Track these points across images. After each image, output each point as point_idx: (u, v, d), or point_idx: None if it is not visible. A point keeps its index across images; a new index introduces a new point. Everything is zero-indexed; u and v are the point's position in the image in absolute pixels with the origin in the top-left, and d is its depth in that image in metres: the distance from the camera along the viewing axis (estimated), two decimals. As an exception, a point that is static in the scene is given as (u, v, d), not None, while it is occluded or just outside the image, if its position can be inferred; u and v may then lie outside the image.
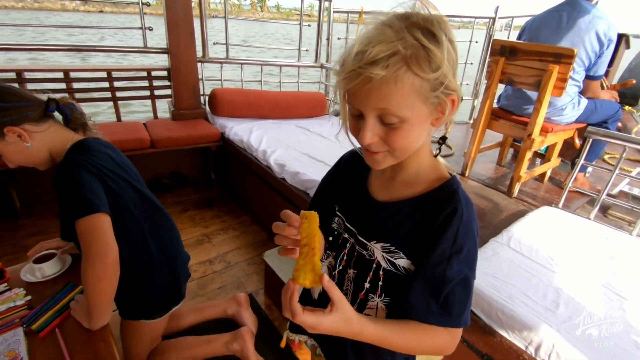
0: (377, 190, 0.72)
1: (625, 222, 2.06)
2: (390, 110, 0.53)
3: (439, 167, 0.68)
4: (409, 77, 0.50)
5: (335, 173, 0.84)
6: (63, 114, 1.13)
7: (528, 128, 2.01)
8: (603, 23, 1.92)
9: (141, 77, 2.87)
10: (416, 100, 0.53)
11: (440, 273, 0.59)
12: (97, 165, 1.08)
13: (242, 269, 2.15)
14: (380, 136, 0.57)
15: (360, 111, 0.56)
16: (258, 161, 2.46)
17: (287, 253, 0.59)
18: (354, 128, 0.60)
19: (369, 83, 0.51)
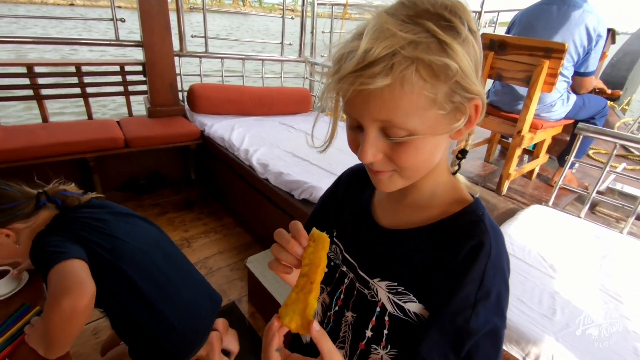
0: (382, 214, 0.61)
1: (613, 219, 2.05)
2: (395, 122, 0.43)
3: (458, 187, 0.56)
4: (418, 79, 0.40)
5: (334, 193, 0.73)
6: (54, 202, 1.06)
7: (518, 125, 1.96)
8: (593, 18, 1.88)
9: (114, 71, 2.70)
10: (428, 109, 0.42)
11: (462, 323, 0.47)
12: (74, 230, 1.01)
13: (225, 275, 2.04)
14: (384, 152, 0.46)
15: (358, 122, 0.46)
16: (240, 160, 2.34)
17: (280, 270, 0.50)
18: (353, 142, 0.49)
19: (368, 87, 0.41)
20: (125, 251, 1.05)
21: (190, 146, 2.71)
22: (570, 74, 2.00)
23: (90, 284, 0.88)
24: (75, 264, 0.89)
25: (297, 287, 0.46)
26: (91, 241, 1.00)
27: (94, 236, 1.02)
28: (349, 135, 0.50)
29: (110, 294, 1.00)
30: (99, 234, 1.03)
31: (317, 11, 3.40)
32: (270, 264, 0.50)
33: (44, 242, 0.95)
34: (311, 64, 3.58)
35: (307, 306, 0.44)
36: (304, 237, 0.47)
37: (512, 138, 2.02)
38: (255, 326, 1.72)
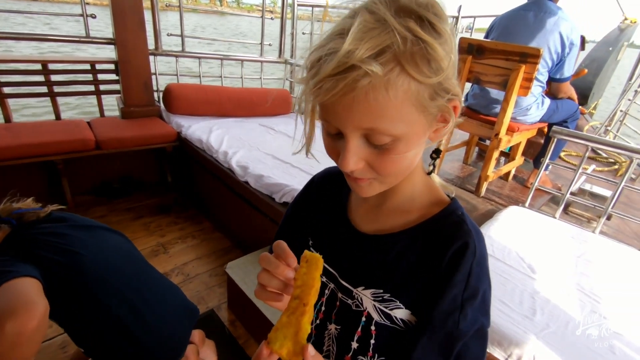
0: (360, 220, 0.58)
1: (585, 219, 2.13)
2: (379, 129, 0.41)
3: (434, 188, 0.56)
4: (403, 81, 0.38)
5: (306, 196, 0.70)
6: (7, 223, 0.99)
7: (495, 127, 2.00)
8: (567, 25, 1.94)
9: (84, 70, 2.57)
10: (413, 111, 0.41)
11: (452, 325, 0.47)
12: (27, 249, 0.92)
13: (203, 281, 1.97)
14: (366, 160, 0.44)
15: (338, 129, 0.43)
16: (219, 163, 2.28)
17: (270, 298, 0.46)
18: (331, 149, 0.47)
19: (350, 93, 0.38)
20: (85, 266, 0.97)
21: (167, 148, 2.62)
22: (544, 79, 2.06)
23: (41, 302, 0.79)
24: (23, 283, 0.81)
25: (289, 310, 0.43)
26: (46, 258, 0.92)
27: (49, 253, 0.94)
28: (327, 142, 0.47)
29: (71, 312, 0.93)
30: (56, 250, 0.95)
31: (297, 13, 3.37)
32: (258, 292, 0.46)
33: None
34: (291, 65, 3.55)
35: (299, 330, 0.41)
36: (292, 257, 0.45)
37: (490, 140, 2.06)
38: (235, 334, 1.67)
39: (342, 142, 0.44)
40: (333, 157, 0.47)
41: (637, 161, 1.73)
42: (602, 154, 3.15)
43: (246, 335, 1.67)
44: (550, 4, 2.00)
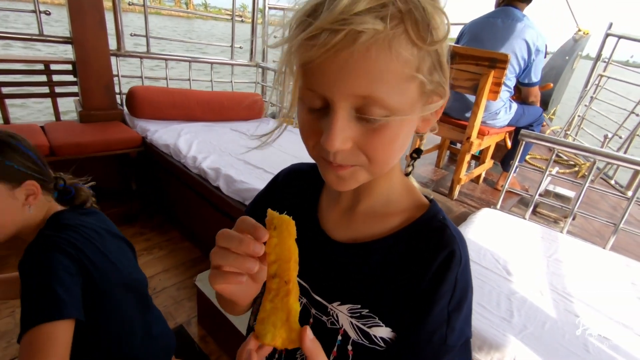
0: (333, 226, 0.52)
1: (552, 219, 2.20)
2: (376, 97, 0.35)
3: (413, 190, 0.52)
4: (405, 43, 0.35)
5: (269, 196, 0.62)
6: (67, 192, 0.94)
7: (467, 131, 2.03)
8: (532, 32, 2.02)
9: (37, 70, 2.38)
10: (411, 81, 0.37)
11: (439, 341, 0.43)
12: (79, 242, 0.83)
13: (171, 295, 1.85)
14: (355, 140, 0.39)
15: (324, 101, 0.37)
16: (187, 169, 2.17)
17: (230, 281, 0.37)
18: (310, 129, 0.40)
19: (347, 49, 0.33)
20: (112, 278, 0.89)
21: (130, 154, 2.47)
22: (512, 84, 2.13)
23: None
24: (60, 331, 0.71)
25: (270, 293, 0.36)
26: (87, 257, 0.83)
27: (90, 251, 0.85)
28: (305, 121, 0.41)
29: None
30: (95, 251, 0.86)
31: (268, 18, 3.32)
32: (212, 277, 0.37)
33: (54, 265, 0.77)
34: (263, 68, 3.48)
35: (289, 313, 0.35)
36: (262, 230, 0.36)
37: (462, 144, 2.09)
38: (206, 350, 1.57)
39: (326, 120, 0.38)
40: (311, 140, 0.41)
41: (598, 163, 1.81)
42: (562, 156, 3.30)
43: (218, 351, 1.57)
44: (516, 12, 2.07)
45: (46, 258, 0.77)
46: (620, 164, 1.89)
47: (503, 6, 2.13)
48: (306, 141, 0.42)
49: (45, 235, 0.82)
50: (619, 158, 1.73)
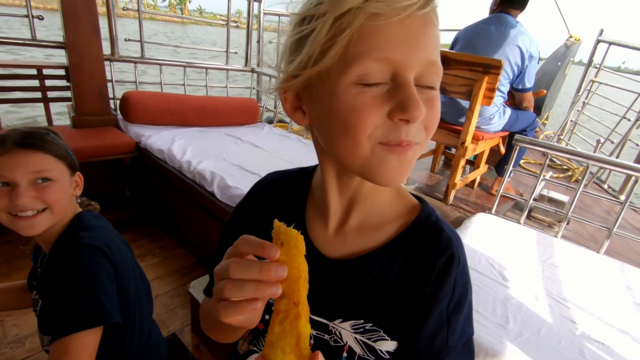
0: (325, 243, 0.49)
1: (546, 224, 2.21)
2: (438, 64, 0.38)
3: (402, 192, 0.51)
4: (437, 25, 0.38)
5: (250, 209, 0.57)
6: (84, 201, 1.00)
7: (461, 136, 2.04)
8: (525, 39, 2.04)
9: (29, 75, 2.36)
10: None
11: (441, 344, 0.43)
12: (112, 250, 0.83)
13: (164, 303, 1.83)
14: None
15: (388, 72, 0.36)
16: (182, 174, 2.15)
17: (244, 310, 0.32)
18: (372, 109, 0.36)
19: (426, 7, 0.35)
20: (130, 285, 0.88)
21: (124, 159, 2.44)
22: (506, 90, 2.15)
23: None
24: (94, 337, 0.72)
25: (278, 314, 0.34)
26: (117, 261, 0.83)
27: (118, 257, 0.84)
28: (360, 106, 0.36)
29: None
30: (119, 254, 0.85)
31: (263, 24, 3.33)
32: (223, 310, 0.32)
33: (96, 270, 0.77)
34: (258, 74, 3.48)
35: (299, 337, 0.34)
36: (274, 248, 0.33)
37: (457, 149, 2.09)
38: (200, 359, 1.54)
39: (388, 97, 0.36)
40: (371, 123, 0.36)
41: (591, 167, 1.83)
42: (556, 161, 3.33)
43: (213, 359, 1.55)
44: (510, 18, 2.09)
45: (87, 261, 0.77)
46: (612, 168, 1.90)
47: (497, 13, 2.15)
48: (362, 129, 0.37)
49: (81, 236, 0.81)
50: (610, 162, 1.74)
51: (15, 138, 0.77)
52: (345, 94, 0.36)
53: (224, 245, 0.57)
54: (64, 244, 0.81)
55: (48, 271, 0.78)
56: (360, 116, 0.36)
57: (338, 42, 0.35)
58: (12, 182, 0.75)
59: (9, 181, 0.76)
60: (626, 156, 3.22)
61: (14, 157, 0.76)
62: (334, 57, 0.36)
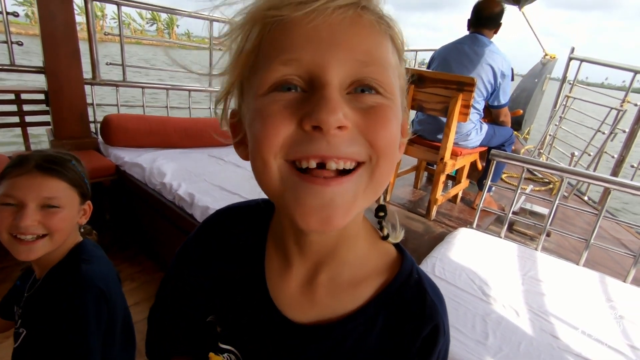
0: (289, 301, 0.42)
1: (528, 237, 2.22)
2: (377, 63, 0.32)
3: (378, 241, 0.43)
4: (392, 47, 0.35)
5: (196, 255, 0.50)
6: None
7: (440, 152, 2.07)
8: (497, 58, 2.11)
9: (7, 100, 2.34)
10: (396, 81, 0.35)
11: None
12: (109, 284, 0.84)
13: (140, 330, 1.73)
14: (354, 122, 0.31)
15: (304, 76, 0.31)
16: (162, 196, 2.12)
17: None
18: (282, 117, 0.31)
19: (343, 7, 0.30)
20: (116, 317, 0.88)
21: (104, 182, 2.41)
22: (481, 107, 2.20)
23: None
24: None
25: None
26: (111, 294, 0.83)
27: (114, 287, 0.86)
28: (270, 113, 0.31)
29: None
30: (114, 285, 0.87)
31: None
32: None
33: (88, 300, 0.77)
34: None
35: None
36: None
37: (436, 165, 2.12)
38: (176, 389, 1.47)
39: (306, 102, 0.30)
40: (280, 133, 0.30)
41: (567, 180, 1.86)
42: (538, 174, 3.39)
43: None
44: (483, 38, 2.17)
45: (82, 302, 0.76)
46: (587, 180, 1.94)
47: (471, 33, 2.24)
48: (267, 137, 0.31)
49: (83, 270, 0.81)
50: (585, 175, 1.78)
51: (38, 160, 0.79)
52: (257, 106, 0.32)
53: (167, 294, 0.53)
54: (64, 274, 0.81)
55: (41, 300, 0.79)
56: (266, 126, 0.31)
57: (243, 52, 0.33)
58: (20, 202, 0.76)
59: (18, 202, 0.76)
60: (604, 168, 3.30)
61: (31, 179, 0.77)
62: (243, 68, 0.34)
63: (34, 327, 0.80)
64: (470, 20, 2.25)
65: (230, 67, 0.35)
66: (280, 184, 0.32)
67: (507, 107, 2.31)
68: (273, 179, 0.32)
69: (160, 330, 0.55)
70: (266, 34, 0.32)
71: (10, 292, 0.97)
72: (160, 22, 63.97)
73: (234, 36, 0.34)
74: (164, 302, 0.53)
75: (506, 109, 2.32)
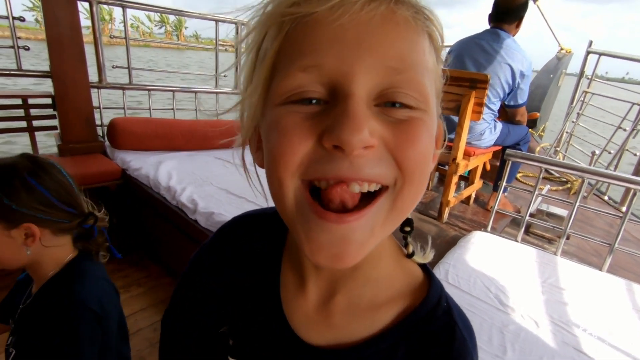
0: (304, 322, 0.39)
1: (546, 240, 2.12)
2: (412, 72, 0.27)
3: (404, 261, 0.40)
4: (425, 38, 0.30)
5: (210, 262, 0.48)
6: (90, 233, 0.89)
7: (452, 152, 1.99)
8: (517, 56, 2.00)
9: (14, 105, 2.34)
10: (431, 85, 0.30)
11: None
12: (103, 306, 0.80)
13: (146, 337, 1.73)
14: (383, 137, 0.27)
15: (327, 85, 0.27)
16: (166, 200, 2.09)
17: None
18: (299, 132, 0.27)
19: (378, 8, 0.26)
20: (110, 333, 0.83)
21: (110, 187, 2.39)
22: (496, 108, 2.10)
23: None
24: None
25: None
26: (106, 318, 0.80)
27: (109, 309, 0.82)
28: (286, 127, 0.28)
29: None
30: (102, 302, 0.81)
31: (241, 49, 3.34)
32: None
33: (79, 324, 0.73)
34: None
35: None
36: None
37: (449, 165, 2.04)
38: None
39: (326, 115, 0.27)
40: (296, 152, 0.27)
41: (587, 180, 1.76)
42: (554, 173, 3.26)
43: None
44: (503, 34, 2.04)
45: (73, 327, 0.73)
46: (608, 181, 1.84)
47: (491, 28, 2.11)
48: (284, 154, 0.28)
49: (76, 292, 0.77)
50: (606, 175, 1.68)
51: None
52: (274, 117, 0.29)
53: (180, 301, 0.51)
54: (55, 293, 0.77)
55: (33, 316, 0.76)
56: (282, 142, 0.28)
57: (264, 55, 0.29)
58: None
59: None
60: (626, 166, 3.15)
61: None
62: (262, 77, 0.30)
63: (25, 342, 0.77)
64: (491, 15, 2.11)
65: (249, 71, 0.32)
66: (294, 209, 0.29)
67: (524, 107, 2.20)
68: (288, 202, 0.29)
69: (172, 338, 0.53)
70: (287, 34, 0.28)
71: (8, 295, 0.95)
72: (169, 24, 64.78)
73: (252, 37, 0.31)
74: (176, 309, 0.52)
75: (523, 109, 2.21)
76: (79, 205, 0.86)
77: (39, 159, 0.82)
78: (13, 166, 0.77)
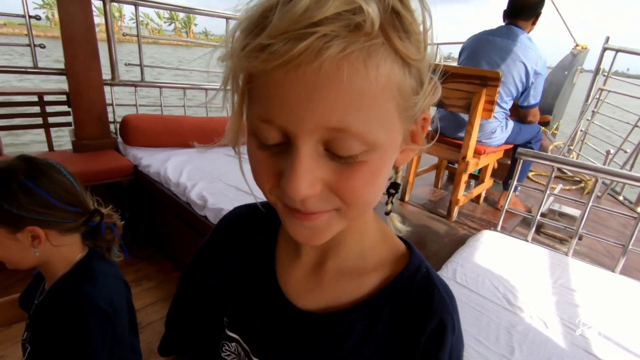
0: (296, 288, 0.43)
1: (557, 240, 2.09)
2: (352, 129, 0.28)
3: (388, 233, 0.44)
4: (387, 57, 0.27)
5: (215, 247, 0.52)
6: (97, 230, 0.88)
7: (462, 151, 1.97)
8: (532, 54, 1.94)
9: (31, 102, 2.40)
10: (393, 110, 0.30)
11: None
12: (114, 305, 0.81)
13: (157, 330, 1.77)
14: (325, 181, 0.30)
15: (282, 134, 0.29)
16: (176, 196, 2.12)
17: None
18: (265, 169, 0.32)
19: (313, 62, 0.25)
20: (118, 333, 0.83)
21: (122, 182, 2.44)
22: (508, 107, 2.07)
23: None
24: None
25: None
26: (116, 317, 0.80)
27: (119, 309, 0.82)
28: (258, 159, 0.32)
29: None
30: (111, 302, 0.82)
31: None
32: None
33: (91, 337, 0.73)
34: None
35: None
36: None
37: (458, 164, 2.02)
38: (189, 392, 1.46)
39: (285, 158, 0.30)
40: (267, 182, 0.32)
41: (601, 180, 1.72)
42: (567, 172, 3.20)
43: (202, 392, 1.47)
44: (518, 31, 1.98)
45: (84, 325, 0.73)
46: (624, 181, 1.80)
47: (506, 24, 2.05)
48: (261, 184, 0.33)
49: (86, 293, 0.77)
50: (621, 175, 1.64)
51: None
52: (250, 149, 0.33)
53: (185, 293, 0.54)
54: (65, 292, 0.78)
55: (46, 313, 0.77)
56: (256, 175, 0.33)
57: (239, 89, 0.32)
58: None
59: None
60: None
61: None
62: (238, 102, 0.33)
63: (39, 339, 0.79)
64: (506, 11, 2.06)
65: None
66: (277, 206, 0.35)
67: (537, 108, 2.15)
68: (272, 202, 0.35)
69: (174, 333, 0.56)
70: (251, 78, 0.30)
71: (29, 286, 0.96)
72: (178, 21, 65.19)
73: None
74: (178, 305, 0.55)
75: (536, 109, 2.15)
76: (83, 203, 0.84)
77: (36, 160, 0.80)
78: (8, 169, 0.75)
